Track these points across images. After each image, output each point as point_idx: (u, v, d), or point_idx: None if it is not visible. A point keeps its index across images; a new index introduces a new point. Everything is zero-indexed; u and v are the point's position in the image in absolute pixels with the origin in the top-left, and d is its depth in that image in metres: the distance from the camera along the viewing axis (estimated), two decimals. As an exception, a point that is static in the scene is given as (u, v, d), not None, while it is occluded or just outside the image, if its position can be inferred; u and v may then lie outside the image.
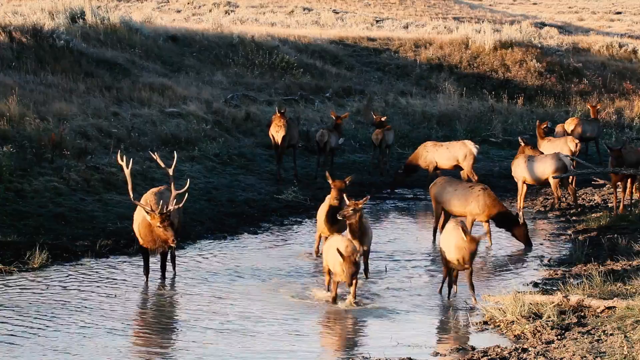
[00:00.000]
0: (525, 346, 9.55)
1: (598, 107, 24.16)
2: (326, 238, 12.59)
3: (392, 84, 30.90)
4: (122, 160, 12.11)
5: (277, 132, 19.75)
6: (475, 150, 19.45)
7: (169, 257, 12.66)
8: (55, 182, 16.18)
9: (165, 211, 11.67)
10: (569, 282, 12.25)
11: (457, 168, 19.65)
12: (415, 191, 20.40)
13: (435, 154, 19.70)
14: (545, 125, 20.81)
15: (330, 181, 12.91)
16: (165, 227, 11.65)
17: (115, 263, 13.38)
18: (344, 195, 12.63)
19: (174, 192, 11.91)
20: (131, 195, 11.93)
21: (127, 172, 11.99)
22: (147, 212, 11.73)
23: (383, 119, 22.17)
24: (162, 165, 12.34)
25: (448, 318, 10.93)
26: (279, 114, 20.12)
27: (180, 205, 11.93)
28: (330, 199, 12.96)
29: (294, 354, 9.67)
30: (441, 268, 13.90)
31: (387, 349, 9.75)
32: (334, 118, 21.42)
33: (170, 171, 12.13)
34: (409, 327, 10.62)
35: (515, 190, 18.38)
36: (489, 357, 9.24)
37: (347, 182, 13.02)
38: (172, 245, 11.81)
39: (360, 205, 12.14)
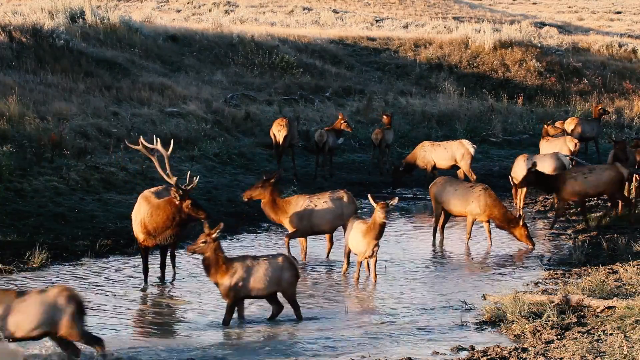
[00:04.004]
0: (525, 346, 9.55)
1: (600, 107, 24.16)
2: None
3: (391, 83, 30.92)
4: (157, 143, 12.17)
5: (279, 132, 19.79)
6: (472, 150, 19.48)
7: (168, 256, 12.65)
8: (55, 181, 16.18)
9: (187, 188, 11.87)
10: (569, 282, 12.25)
11: (455, 167, 19.68)
12: (415, 191, 20.40)
13: (432, 154, 19.75)
14: (548, 123, 20.95)
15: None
16: (193, 205, 11.84)
17: (114, 263, 13.37)
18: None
19: (173, 180, 11.93)
20: (170, 177, 11.88)
21: (165, 154, 12.05)
22: (176, 195, 11.80)
23: (389, 114, 22.39)
24: (160, 148, 12.22)
25: (447, 318, 10.92)
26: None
27: (195, 183, 12.08)
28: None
29: (292, 352, 9.67)
30: (440, 268, 13.95)
31: (387, 349, 9.75)
32: (340, 119, 21.38)
33: (165, 154, 12.09)
34: (409, 327, 10.62)
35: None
36: (489, 357, 9.24)
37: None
38: (205, 219, 11.47)
39: (391, 206, 12.13)
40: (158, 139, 12.43)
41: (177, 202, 11.89)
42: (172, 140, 13.21)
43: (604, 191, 16.32)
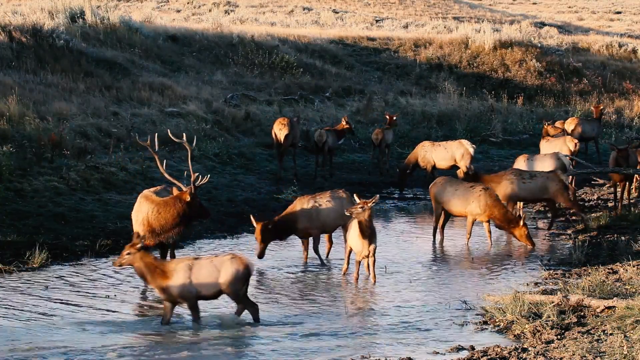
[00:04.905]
0: (525, 346, 9.55)
1: (600, 107, 24.17)
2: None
3: (391, 83, 30.92)
4: (183, 138, 12.38)
5: (280, 131, 19.81)
6: (472, 150, 19.50)
7: (168, 256, 12.65)
8: (55, 181, 16.18)
9: (196, 184, 11.99)
10: (569, 282, 12.25)
11: (455, 167, 19.68)
12: (415, 191, 20.40)
13: (433, 154, 19.76)
14: (548, 123, 20.98)
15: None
16: (200, 203, 12.02)
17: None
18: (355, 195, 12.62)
19: (193, 176, 12.00)
20: (191, 173, 11.98)
21: (189, 148, 12.21)
22: (188, 191, 11.92)
23: (395, 117, 22.42)
24: (185, 143, 12.28)
25: (447, 318, 10.92)
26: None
27: (205, 180, 12.20)
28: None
29: (292, 352, 9.67)
30: (440, 268, 13.96)
31: (387, 349, 9.75)
32: (344, 122, 21.47)
33: (189, 149, 12.23)
34: (409, 327, 10.62)
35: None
36: (489, 357, 9.24)
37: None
38: (208, 218, 12.69)
39: (369, 204, 12.15)
40: (184, 134, 12.70)
41: (188, 199, 11.90)
42: (171, 141, 13.25)
43: (543, 199, 16.28)
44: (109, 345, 9.72)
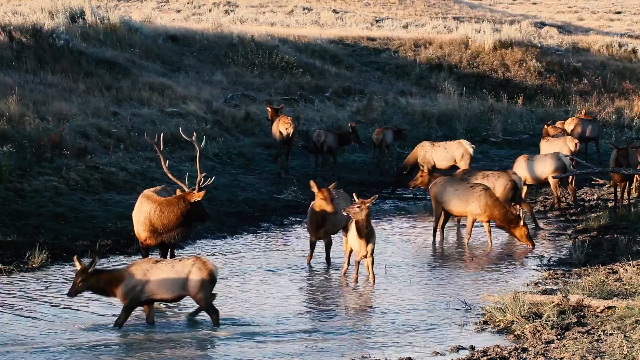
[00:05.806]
0: (525, 346, 9.55)
1: (592, 111, 24.26)
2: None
3: (391, 83, 30.92)
4: (193, 137, 12.60)
5: (286, 130, 19.85)
6: (471, 150, 19.50)
7: (168, 256, 12.65)
8: (55, 181, 16.17)
9: (203, 184, 11.99)
10: (569, 282, 12.25)
11: (455, 168, 19.67)
12: (415, 191, 20.40)
13: (432, 154, 19.75)
14: (549, 123, 21.03)
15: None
16: (202, 204, 11.99)
17: (115, 263, 13.36)
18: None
19: (200, 176, 12.03)
20: (199, 172, 12.00)
21: (198, 148, 12.28)
22: (197, 192, 11.91)
23: (404, 131, 22.41)
24: (195, 142, 12.34)
25: (447, 318, 10.93)
26: (271, 108, 20.79)
27: (211, 181, 12.23)
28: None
29: (291, 352, 9.67)
30: (440, 268, 13.96)
31: (387, 349, 9.76)
32: (350, 130, 21.54)
33: (198, 147, 12.30)
34: (409, 327, 10.62)
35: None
36: (489, 357, 9.24)
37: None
38: (206, 221, 12.55)
39: (367, 204, 12.15)
40: (194, 133, 12.82)
41: (199, 199, 11.88)
42: (171, 141, 13.31)
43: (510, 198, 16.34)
44: (106, 343, 9.73)
